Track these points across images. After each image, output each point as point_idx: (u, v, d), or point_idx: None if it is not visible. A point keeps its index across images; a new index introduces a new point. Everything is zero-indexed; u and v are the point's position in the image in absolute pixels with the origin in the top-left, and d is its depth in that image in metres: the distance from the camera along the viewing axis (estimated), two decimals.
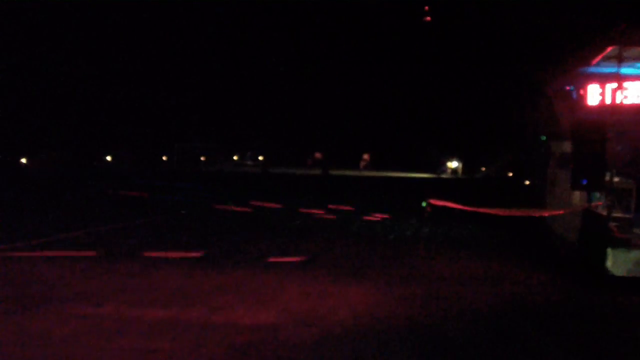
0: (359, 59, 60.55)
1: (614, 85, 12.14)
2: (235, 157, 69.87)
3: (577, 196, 13.32)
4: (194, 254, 11.70)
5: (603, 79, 12.70)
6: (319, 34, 56.25)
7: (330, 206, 21.34)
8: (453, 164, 56.29)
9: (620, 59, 10.87)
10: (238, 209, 19.90)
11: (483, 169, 52.66)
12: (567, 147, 13.88)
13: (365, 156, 58.51)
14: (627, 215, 11.50)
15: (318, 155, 64.42)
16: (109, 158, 59.60)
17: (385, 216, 19.48)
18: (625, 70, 11.33)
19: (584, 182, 11.05)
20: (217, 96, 62.97)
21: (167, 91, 59.26)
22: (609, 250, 10.12)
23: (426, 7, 29.34)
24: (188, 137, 65.54)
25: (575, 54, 12.47)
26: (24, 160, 53.94)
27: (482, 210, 12.92)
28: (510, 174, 45.66)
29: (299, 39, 57.42)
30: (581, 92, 13.37)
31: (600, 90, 12.93)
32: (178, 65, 61.51)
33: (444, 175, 53.26)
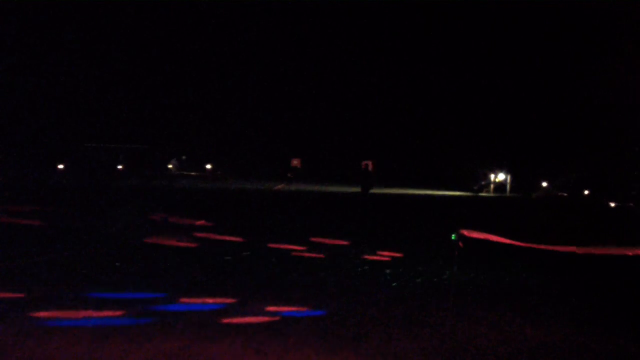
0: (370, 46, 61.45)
1: None
2: (170, 166, 69.87)
3: None
4: (108, 313, 11.56)
5: None
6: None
7: (314, 239, 21.24)
8: (499, 177, 56.21)
9: None
10: (179, 243, 19.78)
11: (544, 184, 52.83)
12: None
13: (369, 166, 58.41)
14: None
15: (295, 162, 64.52)
16: None
17: (397, 254, 19.44)
18: None
19: None
20: (147, 84, 63.16)
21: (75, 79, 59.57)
22: None
23: None
24: (100, 137, 65.40)
25: None
26: None
27: (541, 246, 12.87)
28: (587, 192, 45.92)
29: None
30: None
31: None
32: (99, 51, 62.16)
33: (484, 194, 53.21)
